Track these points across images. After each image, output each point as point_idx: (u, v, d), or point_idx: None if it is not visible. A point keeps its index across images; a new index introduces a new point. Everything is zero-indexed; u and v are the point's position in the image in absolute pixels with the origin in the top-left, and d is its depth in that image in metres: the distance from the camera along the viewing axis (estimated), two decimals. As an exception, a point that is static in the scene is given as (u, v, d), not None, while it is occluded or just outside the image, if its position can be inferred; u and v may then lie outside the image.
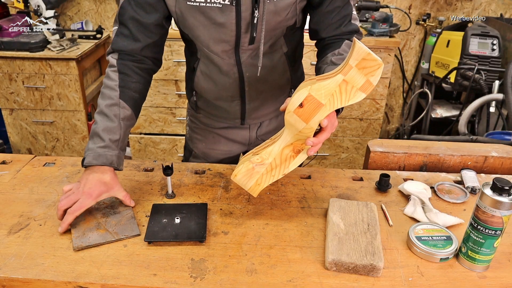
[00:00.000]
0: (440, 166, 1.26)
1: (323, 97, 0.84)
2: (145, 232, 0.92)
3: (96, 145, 0.97)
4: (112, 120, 1.00)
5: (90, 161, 0.96)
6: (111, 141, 0.98)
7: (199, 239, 0.91)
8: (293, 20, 1.07)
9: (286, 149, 0.92)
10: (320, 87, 0.83)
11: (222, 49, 1.07)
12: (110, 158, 0.97)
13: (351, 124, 2.82)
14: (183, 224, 0.95)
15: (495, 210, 0.78)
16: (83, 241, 0.90)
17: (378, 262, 0.82)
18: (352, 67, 0.82)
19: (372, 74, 0.83)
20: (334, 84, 0.83)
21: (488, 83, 2.38)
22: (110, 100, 1.01)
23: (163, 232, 0.92)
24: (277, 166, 0.94)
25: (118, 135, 1.00)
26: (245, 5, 0.97)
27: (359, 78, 0.83)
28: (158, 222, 0.96)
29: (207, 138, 1.34)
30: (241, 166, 0.95)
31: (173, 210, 1.00)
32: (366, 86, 0.84)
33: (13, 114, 2.76)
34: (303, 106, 0.84)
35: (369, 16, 2.74)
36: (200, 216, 0.96)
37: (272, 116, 1.30)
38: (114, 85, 1.02)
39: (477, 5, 3.00)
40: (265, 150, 0.93)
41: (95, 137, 0.99)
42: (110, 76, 1.04)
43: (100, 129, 0.98)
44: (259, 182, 0.95)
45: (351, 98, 0.84)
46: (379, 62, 0.82)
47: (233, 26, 1.01)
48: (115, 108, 1.01)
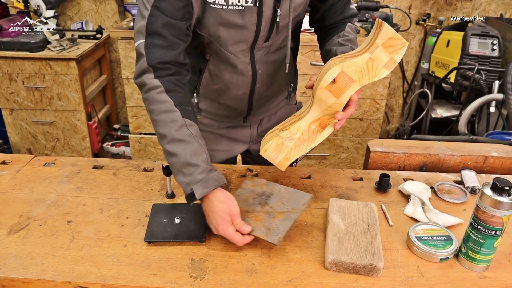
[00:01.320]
0: (440, 166, 1.26)
1: (354, 74, 0.90)
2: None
3: (196, 173, 0.89)
4: (191, 142, 0.92)
5: (202, 192, 0.88)
6: (205, 163, 0.91)
7: (199, 239, 0.91)
8: (302, 15, 1.12)
9: (313, 124, 0.97)
10: (350, 64, 0.89)
11: (239, 48, 1.07)
12: (217, 178, 0.91)
13: (351, 124, 2.81)
14: (183, 224, 0.95)
15: (495, 210, 0.78)
16: (278, 232, 0.89)
17: (378, 262, 0.82)
18: (378, 45, 0.89)
19: (397, 52, 0.90)
20: (362, 62, 0.90)
21: (488, 83, 2.38)
22: (175, 123, 0.92)
23: (163, 232, 0.92)
24: (304, 140, 0.98)
25: (205, 154, 0.93)
26: (267, 4, 0.99)
27: (384, 56, 0.90)
28: (158, 222, 0.96)
29: (209, 140, 1.34)
30: (271, 141, 0.98)
31: (173, 210, 1.00)
32: (390, 63, 0.90)
33: (13, 114, 2.76)
34: (336, 82, 0.90)
35: (369, 16, 2.74)
36: (200, 216, 0.96)
37: (272, 113, 1.32)
38: (170, 106, 0.93)
39: (477, 5, 3.00)
40: (293, 125, 0.98)
41: (187, 167, 0.90)
42: (159, 99, 0.94)
43: (187, 157, 0.90)
44: (288, 156, 0.98)
45: (376, 75, 0.91)
46: (404, 41, 0.89)
47: (253, 26, 1.02)
48: (185, 129, 0.93)
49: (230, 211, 0.89)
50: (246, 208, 0.96)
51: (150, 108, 0.95)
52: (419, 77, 3.02)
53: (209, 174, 0.90)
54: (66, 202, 1.05)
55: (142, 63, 0.96)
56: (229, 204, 0.90)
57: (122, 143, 3.14)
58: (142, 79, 0.96)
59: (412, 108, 3.10)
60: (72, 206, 1.03)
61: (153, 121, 0.95)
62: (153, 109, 0.95)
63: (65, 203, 1.04)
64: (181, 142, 0.91)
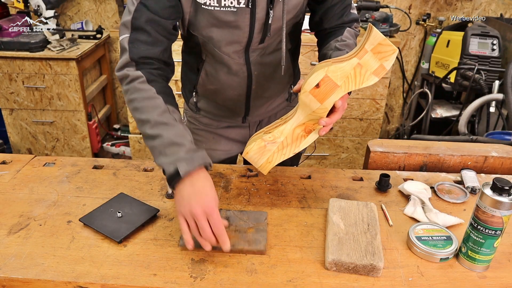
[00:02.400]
0: (440, 166, 1.26)
1: (339, 79, 0.87)
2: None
3: (182, 152, 0.85)
4: (175, 125, 0.89)
5: (187, 169, 0.83)
6: (190, 143, 0.87)
7: (115, 239, 0.90)
8: (300, 17, 1.11)
9: (297, 128, 0.95)
10: (336, 69, 0.87)
11: (233, 49, 1.07)
12: (203, 157, 0.87)
13: (351, 124, 2.82)
14: (120, 219, 0.96)
15: (495, 210, 0.78)
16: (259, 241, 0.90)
17: (378, 262, 0.82)
18: (367, 51, 0.86)
19: (386, 59, 0.87)
20: (350, 67, 0.87)
21: (488, 83, 2.38)
22: (158, 109, 0.90)
23: (99, 220, 0.95)
24: (288, 144, 0.96)
25: (189, 136, 0.90)
26: (260, 6, 0.98)
27: (373, 62, 0.87)
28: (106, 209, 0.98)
29: (208, 139, 1.34)
30: (253, 144, 0.96)
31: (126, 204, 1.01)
32: (379, 70, 0.88)
33: (13, 114, 2.76)
34: (320, 87, 0.87)
35: (369, 16, 2.74)
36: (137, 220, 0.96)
37: (271, 114, 1.31)
38: (152, 93, 0.91)
39: (477, 5, 3.00)
40: (277, 129, 0.96)
41: (172, 147, 0.85)
42: (141, 87, 0.92)
43: (171, 137, 0.86)
44: (270, 160, 0.97)
45: (364, 81, 0.88)
46: (394, 48, 0.86)
47: (246, 27, 1.02)
48: (168, 115, 0.90)
49: (215, 196, 0.84)
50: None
51: (132, 97, 0.93)
52: (419, 77, 3.02)
53: (195, 153, 0.86)
54: (66, 202, 1.05)
55: (125, 57, 0.95)
56: (213, 186, 0.85)
57: (122, 143, 3.14)
58: (123, 71, 0.95)
59: (412, 108, 3.10)
60: (72, 206, 1.03)
61: (134, 110, 0.92)
62: (135, 97, 0.92)
63: (65, 203, 1.04)
64: (165, 125, 0.88)
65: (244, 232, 0.92)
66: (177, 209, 0.85)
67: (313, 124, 0.94)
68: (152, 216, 0.97)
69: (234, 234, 0.92)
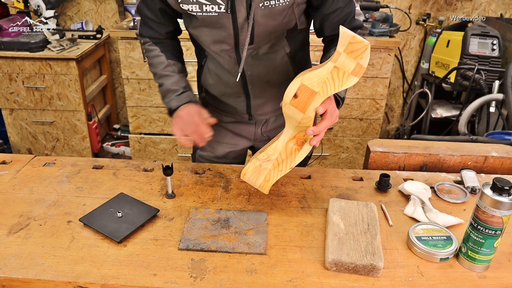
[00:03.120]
0: (440, 166, 1.26)
1: (316, 85, 0.86)
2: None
3: (174, 95, 1.15)
4: (173, 76, 1.17)
5: (177, 104, 1.14)
6: (182, 88, 1.17)
7: (115, 238, 0.90)
8: (292, 23, 1.08)
9: (290, 142, 0.95)
10: (312, 76, 0.86)
11: (221, 48, 1.10)
12: (189, 96, 1.16)
13: (351, 124, 2.82)
14: (120, 219, 0.96)
15: (495, 210, 0.78)
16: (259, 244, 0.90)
17: (378, 262, 0.82)
18: (340, 53, 0.85)
19: (361, 56, 0.84)
20: (326, 72, 0.86)
21: (488, 83, 2.38)
22: (161, 64, 1.18)
23: (99, 220, 0.95)
24: (283, 160, 0.96)
25: (184, 83, 1.19)
26: (240, 11, 1.00)
27: (349, 63, 0.85)
28: (106, 209, 0.99)
29: (215, 131, 1.36)
30: (248, 164, 0.97)
31: (126, 204, 1.01)
32: (357, 69, 0.86)
33: (13, 114, 2.76)
34: (298, 96, 0.87)
35: (369, 16, 2.74)
36: (137, 221, 0.96)
37: (278, 113, 1.31)
38: (157, 52, 1.18)
39: (477, 5, 3.00)
40: (270, 146, 0.96)
41: (169, 93, 1.16)
42: (150, 48, 1.19)
43: (169, 86, 1.16)
44: (268, 178, 0.97)
45: (344, 83, 0.87)
46: (366, 43, 0.84)
47: (230, 30, 1.04)
48: (169, 68, 1.18)
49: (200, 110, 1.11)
50: (212, 233, 0.93)
51: (146, 55, 1.22)
52: (419, 77, 3.02)
53: (182, 94, 1.15)
54: (66, 202, 1.05)
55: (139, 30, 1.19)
56: (198, 110, 1.11)
57: (122, 143, 3.14)
58: (139, 35, 1.21)
59: (412, 108, 3.10)
60: (72, 206, 1.03)
61: (149, 65, 1.22)
62: (147, 55, 1.21)
63: (65, 203, 1.04)
64: (166, 76, 1.18)
65: (244, 234, 0.92)
66: (172, 127, 1.13)
67: (304, 136, 0.93)
68: (152, 216, 0.97)
69: (234, 236, 0.92)
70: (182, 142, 1.11)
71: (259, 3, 0.98)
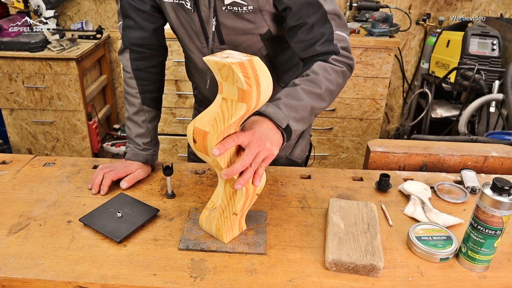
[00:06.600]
0: (440, 166, 1.26)
1: (206, 125, 0.79)
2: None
3: (134, 147, 1.16)
4: (141, 126, 1.17)
5: (129, 157, 1.15)
6: (144, 144, 1.17)
7: (115, 238, 0.90)
8: (264, 29, 1.04)
9: (227, 186, 0.88)
10: (202, 116, 0.80)
11: (195, 46, 1.11)
12: (145, 157, 1.16)
13: (351, 124, 2.82)
14: (121, 219, 0.96)
15: (495, 210, 0.78)
16: (259, 244, 0.90)
17: (378, 262, 0.82)
18: (221, 82, 0.78)
19: (236, 79, 0.74)
20: (216, 107, 0.80)
21: (488, 83, 2.39)
22: (134, 107, 1.16)
23: (100, 220, 0.95)
24: (226, 206, 0.89)
25: (149, 138, 1.18)
26: (204, 12, 1.01)
27: (231, 90, 0.77)
28: (106, 209, 0.99)
29: None
30: (201, 215, 0.93)
31: (126, 204, 1.01)
32: (241, 94, 0.76)
33: (13, 114, 2.76)
34: (196, 141, 0.81)
35: (369, 16, 2.75)
36: (137, 221, 0.95)
37: None
38: (135, 93, 1.16)
39: (477, 5, 3.00)
40: (214, 193, 0.91)
41: (131, 142, 1.17)
42: (129, 84, 1.16)
43: (133, 135, 1.17)
44: (218, 226, 0.90)
45: (233, 114, 0.78)
46: (228, 64, 0.74)
47: (199, 28, 1.06)
48: (141, 114, 1.17)
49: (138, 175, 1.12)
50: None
51: (124, 87, 1.19)
52: (419, 77, 3.02)
53: (142, 152, 1.16)
54: (66, 202, 1.05)
55: (122, 42, 1.14)
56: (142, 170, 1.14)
57: (122, 143, 3.14)
58: (120, 57, 1.17)
59: (412, 108, 3.10)
60: (72, 206, 1.03)
61: (124, 98, 1.20)
62: (125, 88, 1.19)
63: (65, 203, 1.04)
64: (134, 123, 1.17)
65: (244, 234, 0.92)
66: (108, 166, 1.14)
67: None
68: (152, 216, 0.97)
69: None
70: (97, 181, 1.08)
71: (222, 6, 0.99)
